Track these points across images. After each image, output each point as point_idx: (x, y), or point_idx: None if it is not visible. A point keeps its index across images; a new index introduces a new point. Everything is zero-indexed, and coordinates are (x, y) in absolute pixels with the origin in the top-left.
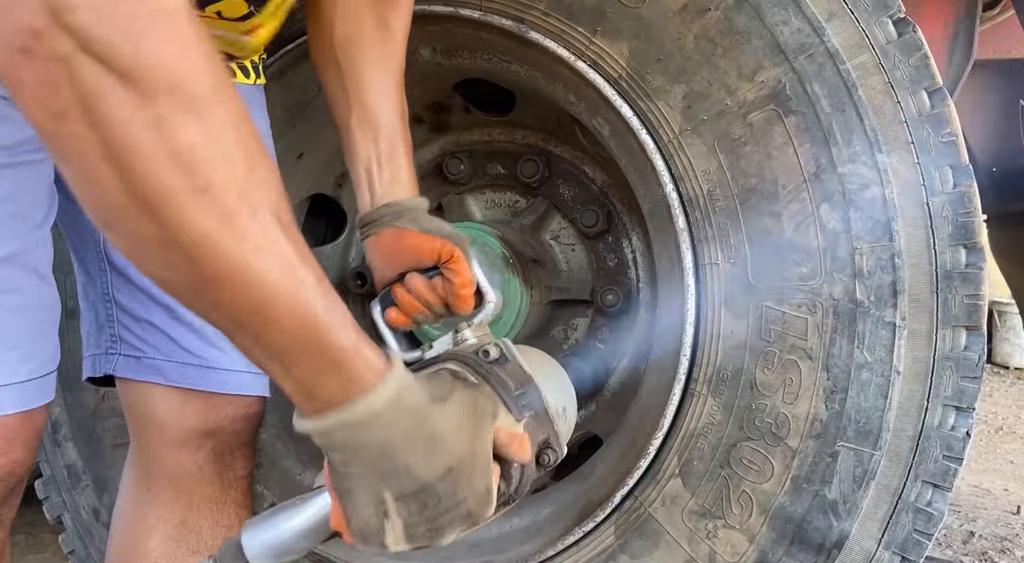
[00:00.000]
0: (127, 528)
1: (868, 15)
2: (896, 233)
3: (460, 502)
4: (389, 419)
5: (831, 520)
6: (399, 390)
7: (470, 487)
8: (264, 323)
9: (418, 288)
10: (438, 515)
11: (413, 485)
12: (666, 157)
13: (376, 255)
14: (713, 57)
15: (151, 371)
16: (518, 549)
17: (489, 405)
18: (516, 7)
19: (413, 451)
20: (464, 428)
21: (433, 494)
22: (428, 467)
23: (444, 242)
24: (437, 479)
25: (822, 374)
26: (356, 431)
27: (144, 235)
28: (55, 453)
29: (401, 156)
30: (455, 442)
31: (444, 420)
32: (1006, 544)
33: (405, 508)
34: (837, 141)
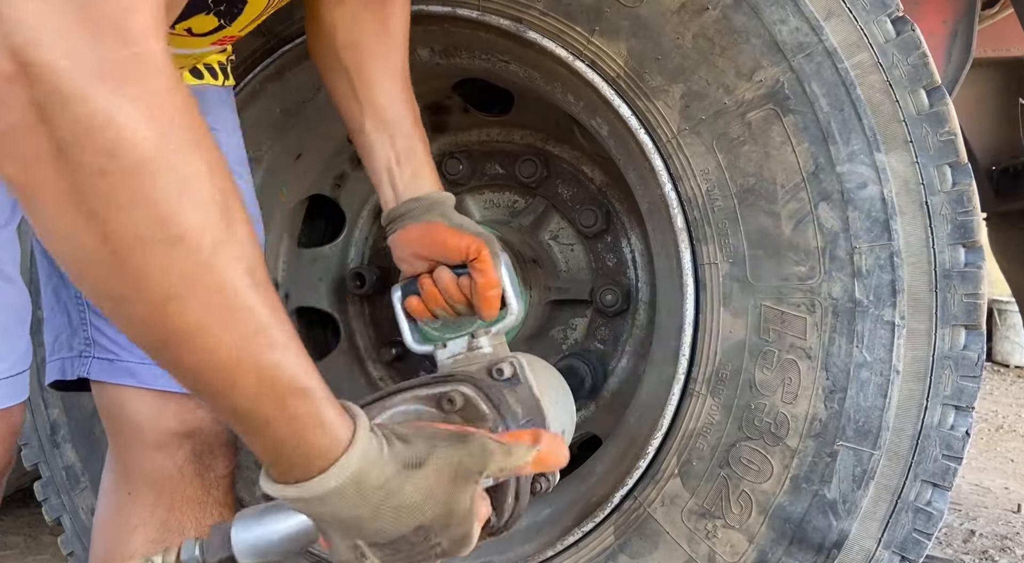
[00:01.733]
0: (108, 532)
1: (866, 14)
2: (895, 232)
3: (434, 546)
4: (350, 496)
5: (831, 520)
6: (360, 469)
7: (445, 535)
8: (229, 387)
9: (446, 282)
10: (412, 556)
11: (385, 539)
12: (664, 157)
13: (404, 249)
14: (711, 56)
15: (124, 374)
16: (518, 549)
17: (475, 462)
18: (514, 7)
19: (381, 519)
20: (438, 493)
21: (406, 543)
22: (398, 528)
23: (473, 239)
24: (409, 533)
25: (821, 373)
26: (317, 505)
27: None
28: (54, 455)
29: (420, 152)
30: (427, 508)
31: (415, 490)
32: (1007, 543)
33: (380, 552)
34: (835, 140)
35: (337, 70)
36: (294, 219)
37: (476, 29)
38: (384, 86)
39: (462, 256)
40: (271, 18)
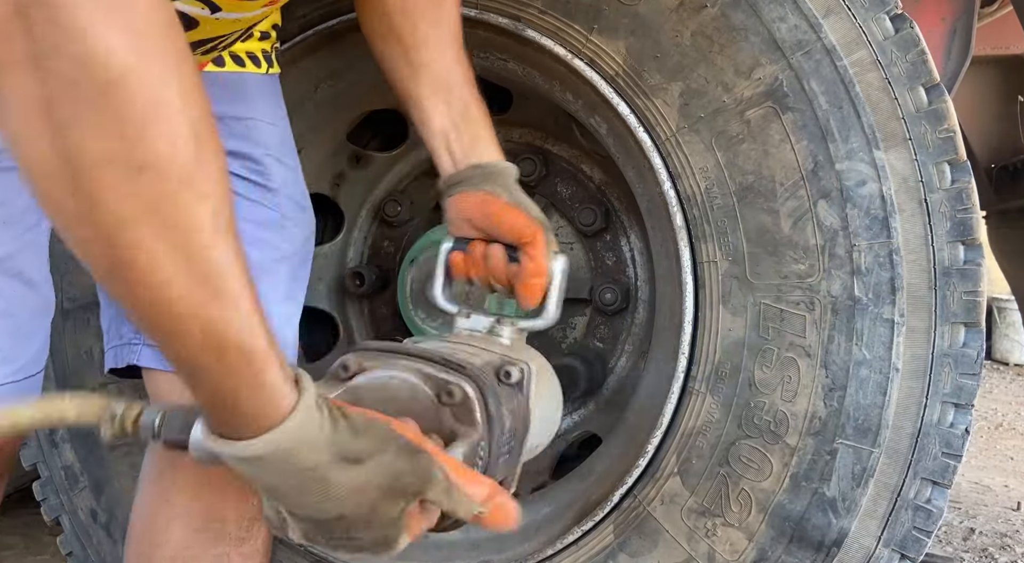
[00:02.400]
0: (149, 519)
1: (865, 11)
2: (894, 230)
3: (354, 539)
4: (277, 468)
5: (830, 518)
6: (292, 444)
7: (366, 534)
8: (173, 331)
9: (496, 258)
10: (332, 539)
11: (304, 514)
12: (663, 155)
13: (458, 215)
14: (710, 54)
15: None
16: (517, 548)
17: (413, 484)
18: (512, 5)
19: (304, 497)
20: (367, 496)
21: (325, 528)
22: (319, 510)
23: (530, 223)
24: (329, 520)
25: (820, 371)
26: (242, 465)
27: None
28: (53, 454)
29: (479, 118)
30: (350, 504)
31: (344, 485)
32: (1006, 540)
33: (301, 523)
34: (835, 138)
35: (389, 38)
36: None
37: (474, 27)
38: (440, 49)
39: (516, 237)
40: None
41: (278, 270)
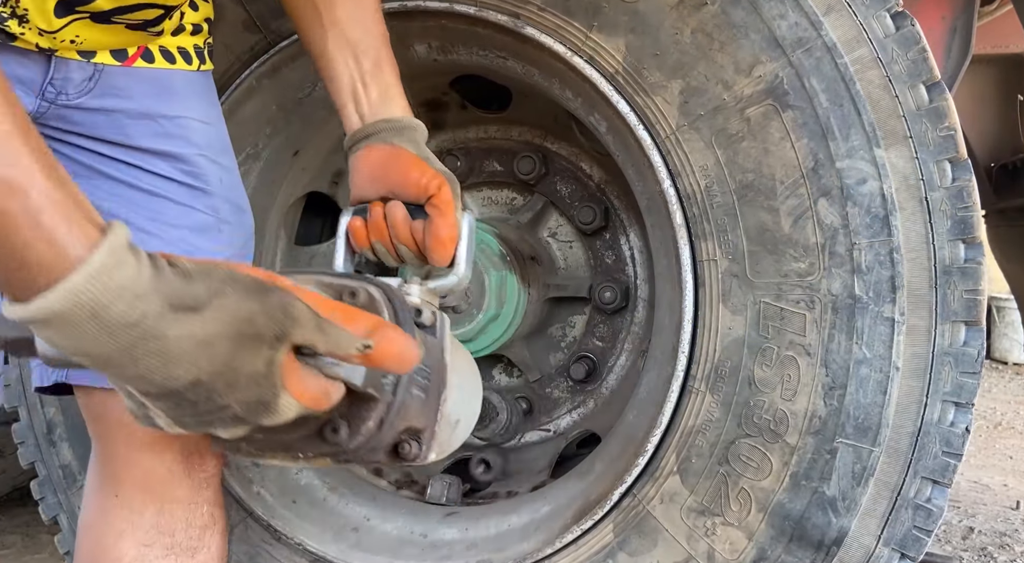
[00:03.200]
0: (96, 536)
1: (866, 9)
2: (895, 228)
3: (223, 407)
4: (89, 329)
5: (830, 517)
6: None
7: (233, 396)
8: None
9: (397, 217)
10: (199, 414)
11: (154, 389)
12: (663, 153)
13: (361, 171)
14: (710, 52)
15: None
16: (516, 547)
17: (269, 325)
18: (512, 3)
19: (141, 365)
20: (217, 349)
21: (184, 400)
22: (166, 377)
23: (435, 175)
24: (184, 389)
25: (821, 370)
26: (47, 330)
27: None
28: (50, 453)
29: (389, 74)
30: (201, 362)
31: (184, 339)
32: (1005, 539)
33: (157, 403)
34: (835, 136)
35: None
36: (291, 217)
37: (474, 25)
38: (352, 8)
39: (420, 192)
40: (266, 14)
41: None
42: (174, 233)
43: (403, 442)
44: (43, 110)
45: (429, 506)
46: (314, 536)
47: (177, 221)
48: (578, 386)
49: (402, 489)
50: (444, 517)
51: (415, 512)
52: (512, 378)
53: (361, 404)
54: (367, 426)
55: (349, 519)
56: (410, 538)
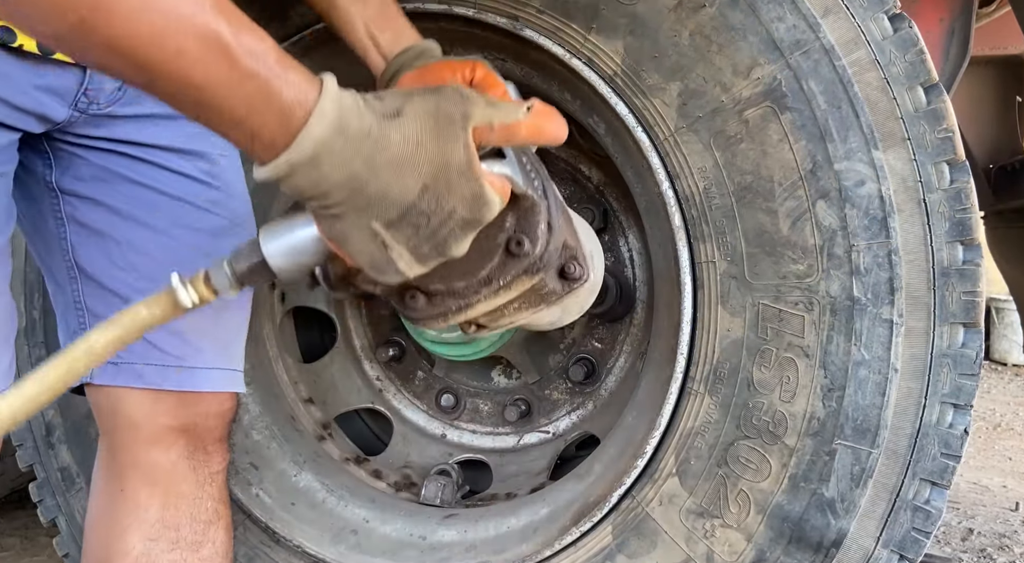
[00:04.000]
0: (102, 531)
1: (863, 11)
2: (893, 230)
3: (451, 212)
4: (340, 149)
5: (829, 519)
6: (339, 114)
7: (455, 194)
8: (166, 54)
9: None
10: (434, 230)
11: (395, 210)
12: (662, 155)
13: None
14: (708, 54)
15: (131, 376)
16: (515, 549)
17: (454, 106)
18: (511, 5)
19: (380, 176)
20: (426, 138)
21: (419, 213)
22: (402, 188)
23: (466, 62)
24: (416, 198)
25: (819, 372)
26: (310, 169)
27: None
28: (49, 456)
29: (395, 12)
30: (420, 156)
31: (402, 139)
32: (1004, 541)
33: (399, 233)
34: (833, 138)
35: None
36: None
37: (472, 27)
38: None
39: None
40: (265, 20)
41: None
42: (193, 237)
43: (567, 263)
44: (74, 119)
45: (428, 508)
46: (313, 538)
47: (197, 225)
48: (577, 388)
49: (401, 491)
50: (443, 519)
51: (414, 514)
52: (511, 380)
53: (528, 214)
54: (540, 229)
55: (348, 521)
56: (409, 540)
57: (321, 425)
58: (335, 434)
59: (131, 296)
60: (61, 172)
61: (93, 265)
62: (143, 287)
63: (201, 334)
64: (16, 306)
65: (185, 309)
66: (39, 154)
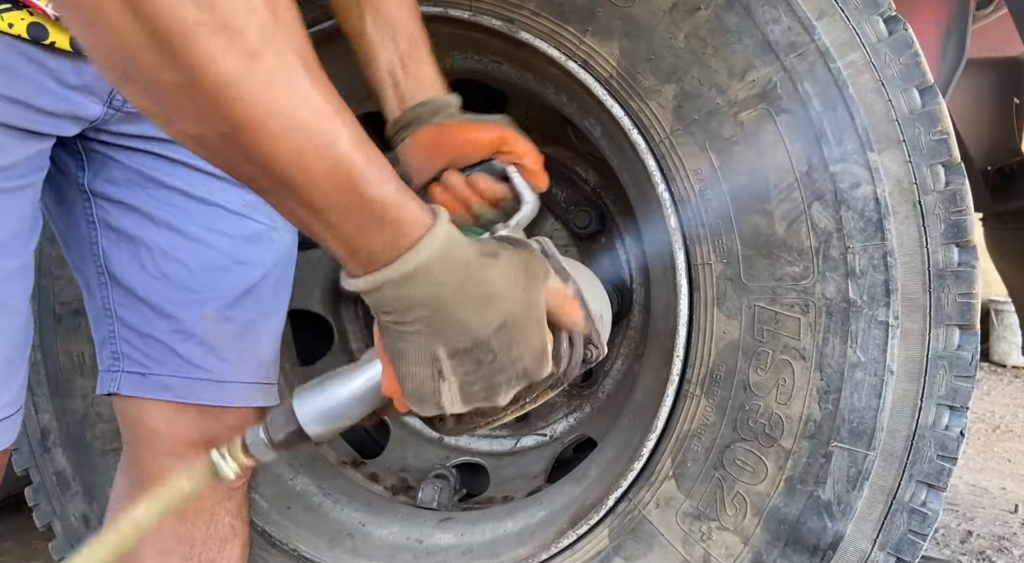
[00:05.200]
0: None
1: (858, 13)
2: (888, 232)
3: (516, 359)
4: (439, 272)
5: (825, 521)
6: (447, 243)
7: (525, 342)
8: (301, 175)
9: (456, 185)
10: (493, 373)
11: (467, 341)
12: (657, 157)
13: (415, 156)
14: (703, 56)
15: (159, 388)
16: (512, 553)
17: (539, 267)
18: (506, 7)
19: (465, 305)
20: (516, 283)
21: (488, 350)
22: (482, 321)
23: (493, 126)
24: (491, 334)
25: (815, 374)
26: (405, 286)
27: (165, 82)
28: (44, 460)
29: (424, 54)
30: (507, 296)
31: (495, 275)
32: (1004, 543)
33: (460, 365)
34: (828, 140)
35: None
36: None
37: (468, 30)
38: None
39: (485, 145)
40: None
41: (262, 287)
42: (227, 242)
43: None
44: (108, 117)
45: (424, 511)
46: (309, 542)
47: (231, 230)
48: (574, 391)
49: (397, 495)
50: (439, 522)
51: (410, 517)
52: None
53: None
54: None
55: (344, 525)
56: (406, 543)
57: None
58: None
59: (162, 305)
60: (94, 175)
61: (124, 272)
62: (175, 297)
63: (232, 347)
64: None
65: (227, 480)
66: (72, 155)
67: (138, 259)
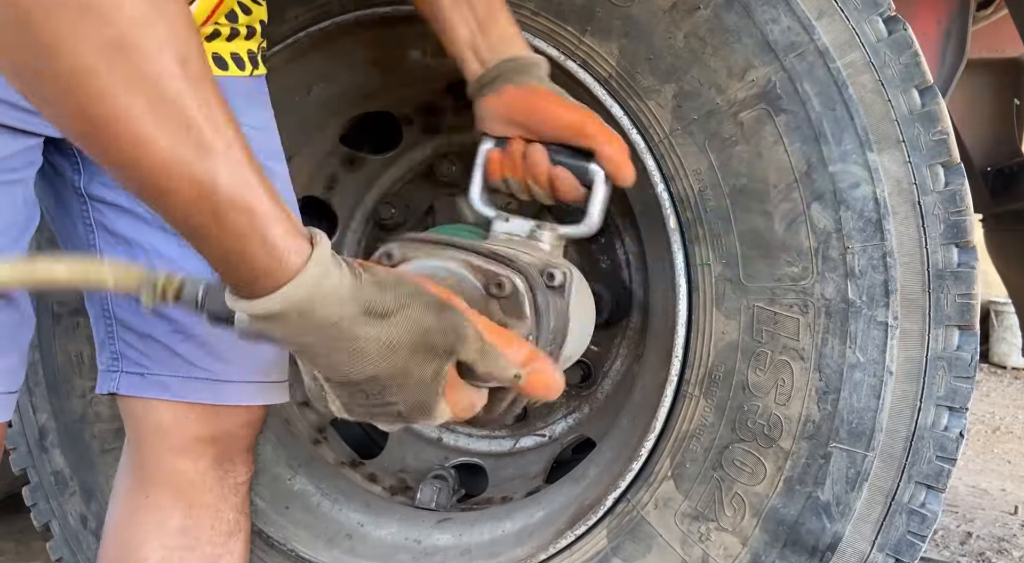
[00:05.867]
0: (124, 536)
1: (858, 13)
2: (888, 232)
3: (389, 404)
4: (297, 325)
5: (824, 522)
6: (307, 298)
7: (401, 397)
8: (163, 192)
9: (537, 158)
10: (371, 407)
11: (339, 377)
12: (657, 157)
13: (497, 113)
14: (703, 56)
15: (157, 388)
16: (510, 553)
17: (443, 340)
18: None
19: (335, 357)
20: (398, 354)
21: (360, 391)
22: (351, 371)
23: (588, 114)
24: (362, 382)
25: (814, 375)
26: (265, 324)
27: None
28: (42, 459)
29: (503, 16)
30: (382, 362)
31: (372, 341)
32: (1003, 545)
33: (338, 391)
34: (828, 140)
35: None
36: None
37: None
38: None
39: (572, 130)
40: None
41: None
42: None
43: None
44: None
45: (423, 512)
46: (307, 542)
47: None
48: (573, 391)
49: (396, 495)
50: (438, 523)
51: (409, 518)
52: None
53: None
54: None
55: (343, 525)
56: (404, 544)
57: (316, 428)
58: (330, 437)
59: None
60: (89, 177)
61: None
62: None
63: (232, 347)
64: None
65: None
66: (68, 158)
67: (135, 261)
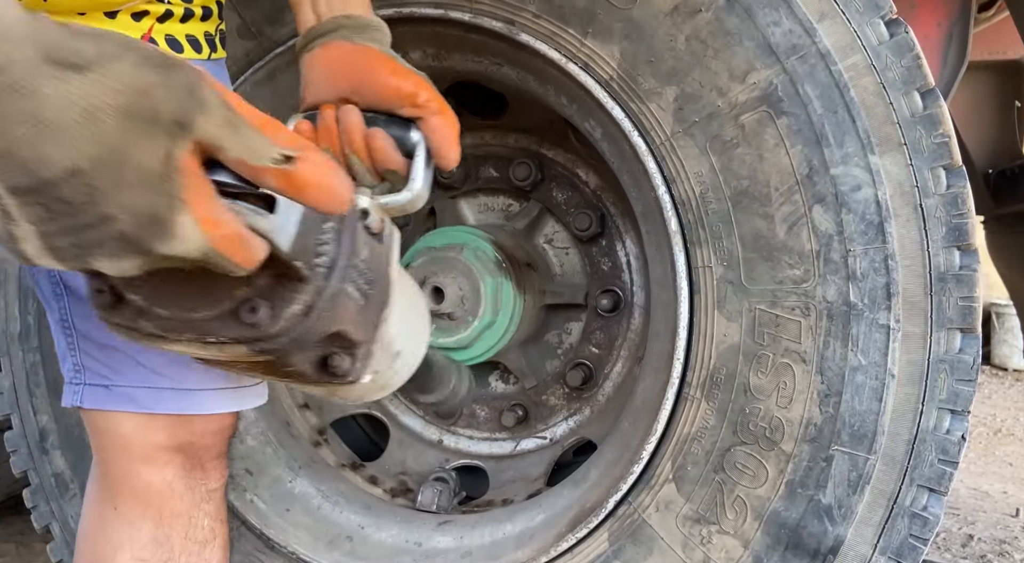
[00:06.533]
0: (93, 548)
1: (860, 16)
2: (889, 235)
3: (105, 219)
4: None
5: (826, 525)
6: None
7: (120, 202)
8: None
9: (351, 123)
10: (77, 229)
11: (24, 178)
12: (658, 159)
13: (318, 71)
14: (704, 58)
15: (123, 400)
16: (511, 556)
17: (171, 104)
18: (506, 9)
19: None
20: (101, 120)
21: (57, 198)
22: (38, 158)
23: (413, 74)
24: (57, 178)
25: (816, 377)
26: None
27: None
28: (43, 462)
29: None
30: (80, 135)
31: (62, 99)
32: (1005, 547)
33: (28, 209)
34: (829, 142)
35: None
36: None
37: (468, 31)
38: None
39: (398, 96)
40: (262, 20)
41: None
42: None
43: (334, 353)
44: None
45: (424, 514)
46: (308, 545)
47: None
48: (574, 393)
49: (397, 497)
50: (439, 525)
51: (410, 520)
52: (508, 385)
53: (287, 284)
54: (291, 309)
55: (343, 527)
56: (405, 546)
57: (317, 430)
58: (331, 440)
59: None
60: None
61: (78, 282)
62: None
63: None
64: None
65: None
66: None
67: None
